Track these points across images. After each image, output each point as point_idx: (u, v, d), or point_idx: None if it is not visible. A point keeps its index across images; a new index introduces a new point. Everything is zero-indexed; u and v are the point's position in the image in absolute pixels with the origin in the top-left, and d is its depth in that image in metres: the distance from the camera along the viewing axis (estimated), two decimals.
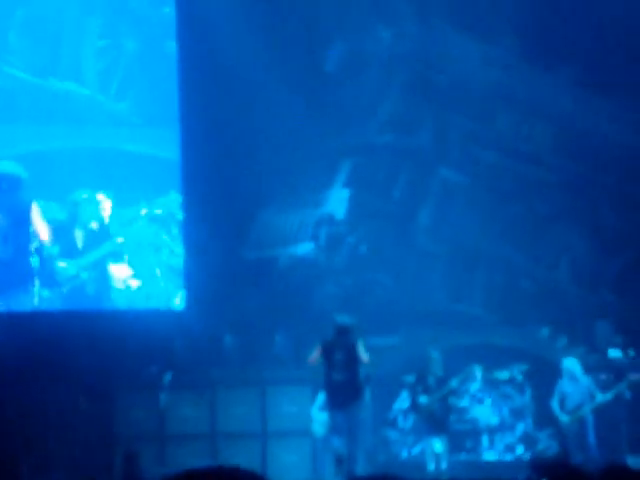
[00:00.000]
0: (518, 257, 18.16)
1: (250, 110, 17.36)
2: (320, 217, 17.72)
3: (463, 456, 15.48)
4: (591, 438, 14.82)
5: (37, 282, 16.12)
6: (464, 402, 15.77)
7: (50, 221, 16.47)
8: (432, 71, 18.03)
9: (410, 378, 15.71)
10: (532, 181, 18.36)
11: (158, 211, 16.83)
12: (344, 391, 13.39)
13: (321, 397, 14.89)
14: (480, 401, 15.99)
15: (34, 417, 14.99)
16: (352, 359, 13.33)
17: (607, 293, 18.08)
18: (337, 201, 17.81)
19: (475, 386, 15.86)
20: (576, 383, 14.89)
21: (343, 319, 13.73)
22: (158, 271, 16.69)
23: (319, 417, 14.88)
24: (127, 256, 16.72)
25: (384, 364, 15.05)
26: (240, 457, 15.10)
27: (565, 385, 14.95)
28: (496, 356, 15.93)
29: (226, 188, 17.30)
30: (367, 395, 14.49)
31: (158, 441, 15.08)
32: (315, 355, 13.47)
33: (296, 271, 17.64)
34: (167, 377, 14.44)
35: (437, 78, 18.02)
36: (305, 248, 17.66)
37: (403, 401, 16.11)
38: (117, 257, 16.77)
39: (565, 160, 18.40)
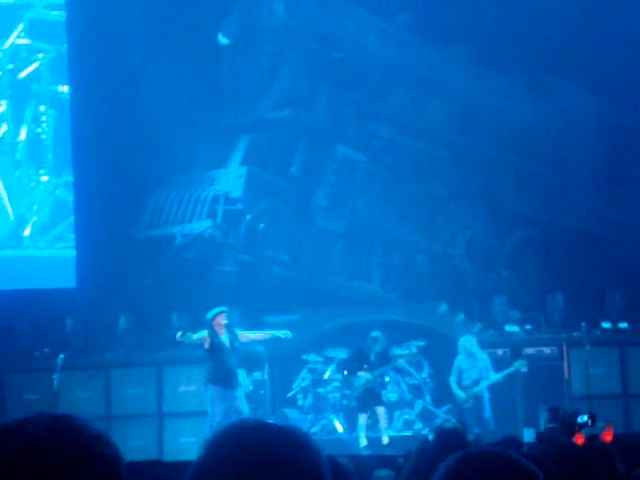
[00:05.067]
0: (415, 235, 18.19)
1: (142, 88, 16.97)
2: (216, 194, 17.46)
3: None
4: (487, 413, 14.94)
5: None
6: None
7: None
8: (327, 46, 17.89)
9: (336, 353, 15.77)
10: (429, 158, 18.39)
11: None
12: None
13: None
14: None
15: None
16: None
17: (502, 269, 18.24)
18: (234, 178, 17.57)
19: None
20: (473, 360, 14.98)
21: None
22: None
23: None
24: None
25: (282, 343, 14.87)
26: (136, 438, 14.82)
27: (462, 362, 15.02)
28: (395, 333, 15.89)
29: (118, 167, 16.91)
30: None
31: None
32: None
33: (192, 249, 17.37)
34: (60, 358, 14.02)
35: (332, 53, 17.89)
36: (202, 226, 17.39)
37: (303, 379, 16.00)
38: None
39: (461, 137, 18.47)
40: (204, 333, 13.69)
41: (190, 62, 17.11)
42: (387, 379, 15.45)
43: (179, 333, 13.66)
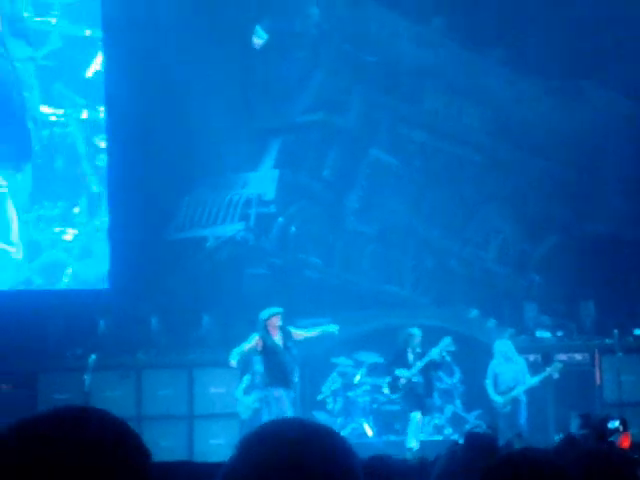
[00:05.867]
0: (447, 239, 18.16)
1: (175, 91, 17.04)
2: (249, 197, 17.49)
3: (392, 437, 15.41)
4: (522, 418, 14.83)
5: None
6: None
7: None
8: (361, 50, 17.90)
9: (367, 357, 15.72)
10: (461, 163, 18.38)
11: None
12: None
13: (246, 379, 14.71)
14: None
15: None
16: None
17: (534, 274, 18.18)
18: (266, 181, 17.59)
19: None
20: (510, 364, 14.85)
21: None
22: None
23: (244, 400, 14.69)
24: None
25: (314, 346, 14.87)
26: (166, 439, 14.86)
27: (498, 366, 14.91)
28: (426, 337, 15.84)
29: (151, 169, 16.98)
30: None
31: None
32: None
33: (224, 251, 17.41)
34: (92, 359, 14.08)
35: (366, 57, 17.89)
36: (234, 228, 17.43)
37: (333, 383, 15.99)
38: None
39: (493, 141, 18.43)
40: (254, 336, 13.60)
41: (224, 65, 17.16)
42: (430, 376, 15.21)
43: (232, 362, 13.52)
